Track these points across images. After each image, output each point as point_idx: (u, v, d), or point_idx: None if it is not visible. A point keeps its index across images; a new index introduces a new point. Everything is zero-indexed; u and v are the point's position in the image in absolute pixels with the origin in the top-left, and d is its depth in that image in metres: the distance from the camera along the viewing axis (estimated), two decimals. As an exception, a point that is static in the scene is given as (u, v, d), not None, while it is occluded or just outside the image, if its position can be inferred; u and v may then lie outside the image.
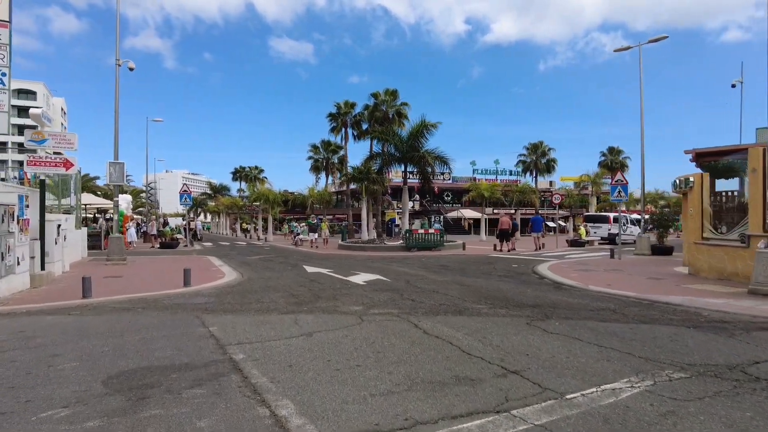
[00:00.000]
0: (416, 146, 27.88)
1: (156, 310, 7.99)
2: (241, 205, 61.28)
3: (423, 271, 14.40)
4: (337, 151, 45.68)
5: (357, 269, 14.67)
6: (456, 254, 21.60)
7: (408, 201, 28.80)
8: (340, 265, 16.41)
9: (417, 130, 27.43)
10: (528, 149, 52.29)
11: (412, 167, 28.56)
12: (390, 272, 13.81)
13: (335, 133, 42.13)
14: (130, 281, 11.77)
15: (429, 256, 20.35)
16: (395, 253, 22.07)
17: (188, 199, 28.33)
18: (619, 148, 62.52)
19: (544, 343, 5.78)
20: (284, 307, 8.22)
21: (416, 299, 8.96)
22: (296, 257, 20.43)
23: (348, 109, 40.91)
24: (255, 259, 19.29)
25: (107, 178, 16.48)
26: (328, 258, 19.91)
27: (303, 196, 35.68)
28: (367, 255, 21.37)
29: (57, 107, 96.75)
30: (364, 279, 12.10)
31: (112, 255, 16.28)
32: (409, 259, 19.09)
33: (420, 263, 17.01)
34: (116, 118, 16.51)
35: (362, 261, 18.08)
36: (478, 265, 16.49)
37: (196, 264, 16.28)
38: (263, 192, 38.77)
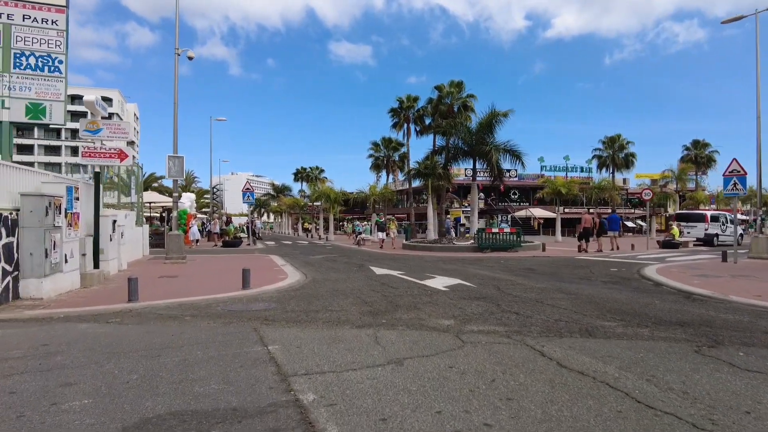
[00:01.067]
0: (485, 139, 25.85)
1: (207, 319, 6.68)
2: (302, 205, 61.27)
3: (508, 274, 12.48)
4: (398, 149, 44.25)
5: (431, 271, 12.99)
6: (536, 256, 19.40)
7: (477, 198, 26.82)
8: (410, 266, 14.79)
9: (486, 121, 25.36)
10: (604, 143, 48.49)
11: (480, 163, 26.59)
12: (470, 275, 12.01)
13: (397, 129, 40.74)
14: (185, 282, 10.70)
15: (507, 258, 18.30)
16: (466, 254, 20.18)
17: (251, 197, 27.79)
18: (705, 141, 57.06)
19: (749, 387, 3.85)
20: (358, 318, 6.68)
21: (520, 312, 7.15)
22: (360, 257, 19.04)
23: (410, 103, 39.34)
24: (318, 259, 18.07)
25: (167, 172, 15.79)
26: (394, 258, 18.36)
27: (364, 194, 34.40)
28: (435, 255, 19.63)
29: (131, 112, 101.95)
30: (444, 283, 10.39)
31: (170, 253, 15.54)
32: (484, 260, 17.17)
33: (500, 265, 15.07)
34: (175, 110, 15.81)
35: (433, 262, 16.37)
36: (570, 268, 14.33)
37: (257, 263, 15.23)
38: (324, 191, 37.95)
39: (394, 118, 40.21)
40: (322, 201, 40.47)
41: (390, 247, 24.76)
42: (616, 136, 47.75)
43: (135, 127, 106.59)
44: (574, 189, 34.27)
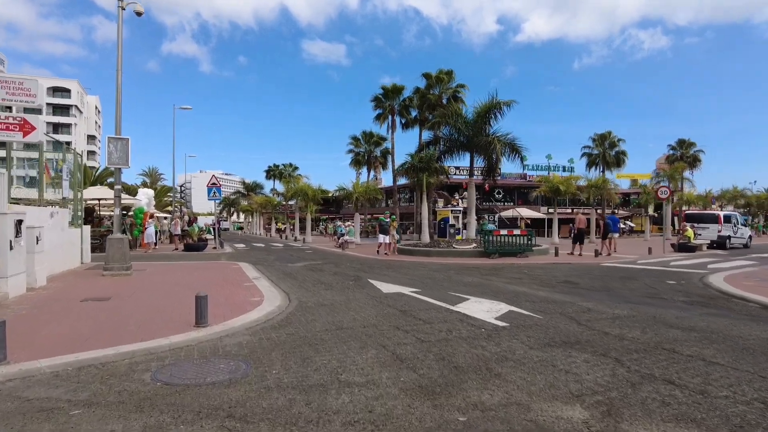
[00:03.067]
0: (482, 131, 23.06)
1: (113, 419, 3.43)
2: (275, 203, 57.51)
3: (554, 292, 9.55)
4: (381, 143, 41.07)
5: (453, 288, 9.94)
6: (555, 263, 16.58)
7: (474, 197, 23.98)
8: (419, 278, 11.71)
9: (485, 111, 22.52)
10: (594, 140, 46.40)
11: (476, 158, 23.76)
12: (511, 295, 9.01)
13: (380, 121, 37.56)
14: (114, 310, 7.33)
15: (524, 265, 15.42)
16: (473, 260, 17.23)
17: (217, 192, 24.21)
18: (690, 141, 55.92)
19: None
20: (406, 409, 3.54)
21: (675, 379, 4.14)
22: (350, 264, 15.85)
23: (396, 93, 36.24)
24: (300, 268, 14.80)
25: (107, 158, 12.27)
26: (391, 266, 15.24)
27: (346, 191, 31.11)
28: (438, 262, 16.61)
29: (91, 105, 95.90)
30: (490, 311, 7.34)
31: (111, 262, 12.03)
32: (502, 269, 14.24)
33: (528, 277, 12.15)
34: (118, 78, 12.27)
35: (442, 272, 13.35)
36: (616, 280, 11.51)
37: (222, 275, 11.89)
38: (301, 188, 34.45)
39: (377, 108, 36.99)
40: (298, 199, 37.00)
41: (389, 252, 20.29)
42: (607, 133, 45.74)
43: (96, 121, 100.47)
44: (572, 187, 31.82)
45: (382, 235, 20.88)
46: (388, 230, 20.66)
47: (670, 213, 23.34)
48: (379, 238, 21.03)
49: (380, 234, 21.15)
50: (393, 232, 20.73)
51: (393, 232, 20.74)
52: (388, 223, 21.16)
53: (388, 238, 20.51)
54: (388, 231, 20.68)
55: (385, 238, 20.62)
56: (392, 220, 21.83)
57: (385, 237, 20.63)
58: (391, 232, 20.58)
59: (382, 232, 21.03)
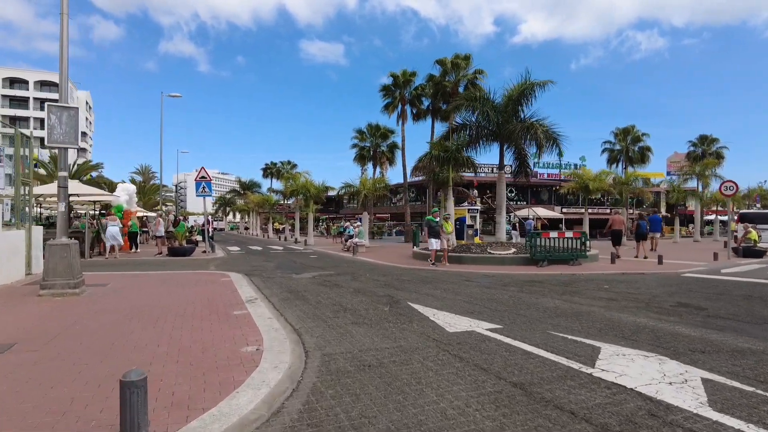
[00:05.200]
0: (515, 116, 19.84)
1: None
2: (272, 202, 54.13)
3: (698, 326, 6.29)
4: (388, 136, 37.81)
5: (542, 319, 6.67)
6: (620, 272, 13.31)
7: (504, 193, 20.70)
8: (475, 299, 8.42)
9: (518, 93, 19.28)
10: (616, 135, 43.22)
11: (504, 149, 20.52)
12: (649, 336, 5.73)
13: (389, 110, 34.26)
14: (7, 384, 4.03)
15: (591, 278, 12.16)
16: (518, 270, 13.94)
17: (207, 188, 20.87)
18: (713, 137, 52.81)
19: None
20: None
21: None
22: (371, 276, 12.54)
23: (407, 79, 32.96)
24: (308, 281, 11.49)
25: (46, 136, 8.97)
26: (425, 279, 11.94)
27: (353, 188, 27.83)
28: (480, 272, 13.32)
29: (82, 100, 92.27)
30: (676, 384, 4.04)
31: (51, 277, 8.71)
32: (569, 282, 10.97)
33: (618, 295, 8.87)
34: (63, 23, 8.93)
35: (496, 288, 10.07)
36: (746, 300, 8.24)
37: (207, 295, 8.55)
38: (303, 185, 31.11)
39: (386, 97, 33.68)
40: (299, 197, 33.69)
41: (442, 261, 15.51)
42: (630, 128, 42.55)
43: (87, 117, 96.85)
44: (604, 183, 28.64)
45: (434, 239, 15.44)
46: (440, 232, 15.55)
47: (731, 213, 20.14)
48: (431, 244, 15.55)
49: (431, 238, 15.61)
50: (446, 236, 15.87)
51: (446, 234, 15.83)
52: (438, 223, 15.82)
53: (438, 243, 15.41)
54: (439, 233, 15.49)
55: (437, 243, 15.40)
56: (444, 218, 16.73)
57: (438, 241, 15.42)
58: (443, 235, 15.59)
59: (433, 235, 15.56)
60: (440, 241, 15.28)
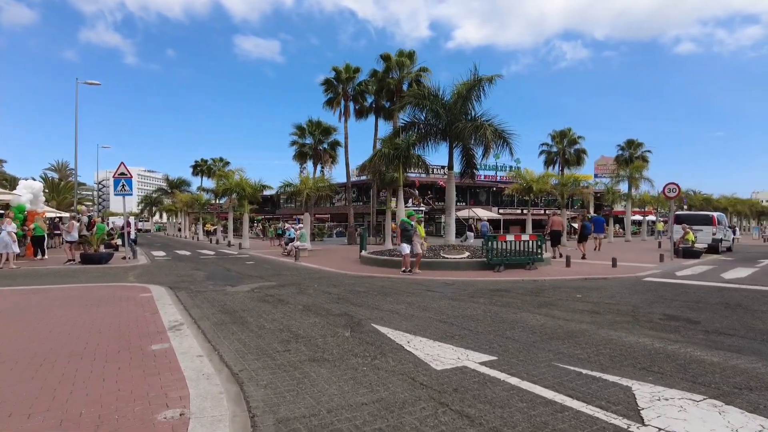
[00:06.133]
0: (464, 114, 19.07)
1: None
2: (203, 202, 50.82)
3: (708, 346, 5.45)
4: (330, 133, 36.23)
5: (539, 345, 5.57)
6: (581, 277, 12.72)
7: (454, 195, 19.78)
8: (449, 317, 7.24)
9: (467, 90, 18.48)
10: (553, 137, 44.14)
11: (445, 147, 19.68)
12: (674, 366, 4.76)
13: (332, 106, 32.69)
14: None
15: (557, 285, 11.41)
16: (476, 276, 12.99)
17: (127, 185, 18.44)
18: (638, 141, 55.37)
19: None
20: None
21: None
22: (320, 287, 11.07)
23: (350, 74, 31.56)
24: (246, 296, 9.84)
25: None
26: (384, 290, 10.66)
27: (294, 187, 26.03)
28: (438, 280, 12.24)
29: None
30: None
31: None
32: (538, 292, 10.10)
33: (597, 306, 8.02)
34: None
35: (464, 300, 8.98)
36: (732, 309, 7.63)
37: (118, 320, 6.63)
38: (238, 183, 28.88)
39: (328, 92, 32.06)
40: (233, 196, 31.37)
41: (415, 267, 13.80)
42: (567, 130, 43.64)
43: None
44: (547, 185, 28.74)
45: (408, 244, 13.53)
46: (413, 236, 13.68)
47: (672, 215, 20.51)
48: (404, 249, 13.56)
49: (404, 243, 13.60)
50: (420, 240, 14.04)
51: (419, 239, 13.99)
52: (413, 226, 13.90)
53: (410, 248, 13.56)
54: (412, 238, 13.62)
55: (409, 249, 13.54)
56: (418, 220, 14.75)
57: (410, 246, 13.57)
58: (415, 240, 13.72)
59: (407, 239, 13.56)
60: (411, 245, 13.64)
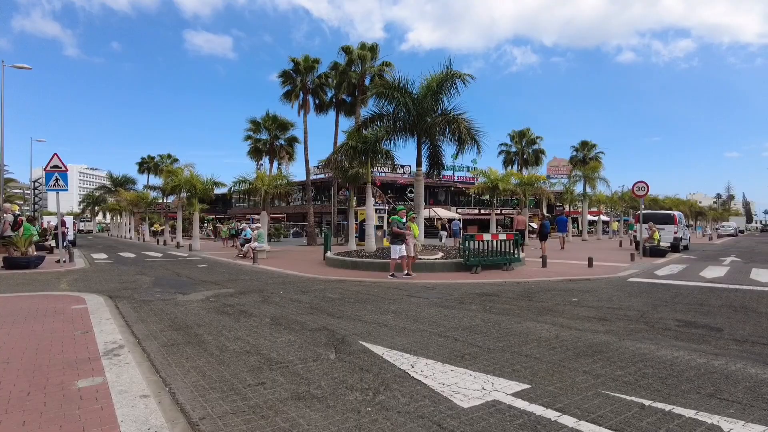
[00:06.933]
0: (434, 110, 18.23)
1: None
2: (149, 201, 47.79)
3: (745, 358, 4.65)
4: (287, 128, 34.61)
5: (560, 364, 4.58)
6: (563, 278, 12.04)
7: (423, 192, 18.85)
8: (446, 329, 6.17)
9: (438, 84, 17.62)
10: (512, 137, 44.22)
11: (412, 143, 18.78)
12: (748, 394, 3.90)
13: (290, 99, 31.10)
14: None
15: (546, 288, 10.62)
16: (455, 278, 12.04)
17: (61, 179, 16.38)
18: (592, 143, 56.85)
19: None
20: None
21: None
22: (287, 294, 9.76)
23: (310, 65, 30.11)
24: (200, 306, 8.42)
25: None
26: (359, 297, 9.50)
27: (250, 184, 24.34)
28: (416, 284, 11.20)
29: None
30: None
31: None
32: (529, 295, 9.24)
33: (600, 310, 7.20)
34: None
35: (453, 308, 7.98)
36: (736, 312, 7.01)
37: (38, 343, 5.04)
38: (187, 179, 26.82)
39: (285, 84, 30.40)
40: (182, 194, 29.25)
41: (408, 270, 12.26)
42: (525, 130, 43.82)
43: None
44: (510, 184, 28.39)
45: (398, 245, 11.99)
46: (406, 236, 12.17)
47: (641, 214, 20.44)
48: (394, 252, 12.02)
49: (394, 244, 12.08)
50: (413, 240, 12.61)
51: (412, 239, 12.47)
52: (404, 223, 12.41)
53: (402, 250, 12.00)
54: (405, 237, 12.10)
55: (402, 250, 11.99)
56: (409, 217, 13.13)
57: (401, 247, 11.99)
58: (409, 240, 12.21)
59: (397, 239, 12.06)
60: (403, 246, 12.16)
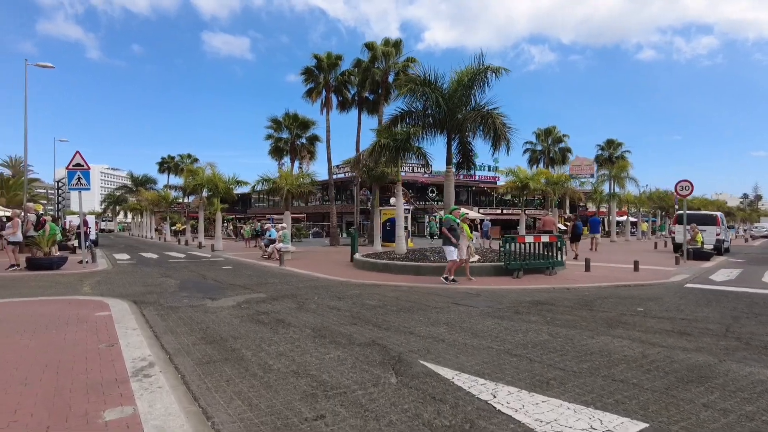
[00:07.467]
0: (465, 105, 17.38)
1: None
2: (170, 200, 47.80)
3: None
4: (308, 127, 34.06)
5: (667, 393, 3.77)
6: (627, 286, 11.13)
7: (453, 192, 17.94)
8: (516, 347, 5.38)
9: (469, 77, 16.74)
10: (538, 135, 43.05)
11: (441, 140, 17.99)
12: None
13: (311, 97, 30.52)
14: None
15: (603, 295, 9.75)
16: (496, 283, 11.21)
17: (83, 177, 15.98)
18: (618, 141, 55.23)
19: None
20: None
21: None
22: (320, 299, 9.07)
23: (332, 62, 29.49)
24: (233, 314, 7.77)
25: None
26: (401, 305, 8.76)
27: (274, 182, 23.81)
28: (458, 290, 10.43)
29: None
30: None
31: None
32: (587, 304, 8.39)
33: (711, 333, 6.33)
34: None
35: (510, 319, 7.19)
36: None
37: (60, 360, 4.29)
38: (210, 179, 26.43)
39: (308, 82, 29.85)
40: (203, 194, 28.86)
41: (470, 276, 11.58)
42: (551, 128, 42.60)
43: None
44: (538, 182, 27.37)
45: (453, 247, 10.93)
46: (459, 236, 11.15)
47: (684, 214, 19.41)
48: (450, 254, 10.93)
49: (448, 246, 10.97)
50: (467, 241, 11.74)
51: (466, 240, 11.58)
52: (458, 224, 11.44)
53: (457, 252, 10.99)
54: (458, 238, 11.05)
55: (457, 252, 11.01)
56: (462, 217, 12.11)
57: (456, 250, 10.97)
58: (462, 242, 11.30)
59: (449, 241, 10.97)
60: (461, 249, 11.24)
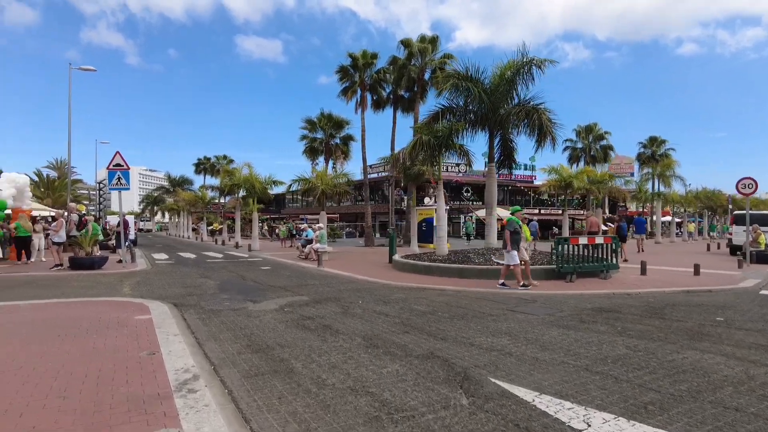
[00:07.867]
0: (507, 100, 16.64)
1: None
2: (206, 200, 48.40)
3: None
4: (342, 127, 33.82)
5: None
6: (692, 292, 10.26)
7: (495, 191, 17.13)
8: (594, 363, 4.75)
9: (513, 72, 15.96)
10: (578, 133, 41.59)
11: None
12: None
13: (347, 96, 30.22)
14: None
15: (671, 302, 8.93)
16: (549, 288, 10.52)
17: (123, 178, 16.04)
18: (662, 138, 52.98)
19: None
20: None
21: None
22: (365, 303, 8.62)
23: (368, 61, 29.09)
24: (277, 318, 7.39)
25: None
26: (452, 312, 8.22)
27: (310, 182, 23.58)
28: (510, 295, 9.80)
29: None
30: None
31: None
32: (657, 312, 7.64)
33: None
34: None
35: (576, 330, 6.55)
36: None
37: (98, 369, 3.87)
38: (246, 179, 26.46)
39: (343, 81, 29.60)
40: (239, 194, 28.96)
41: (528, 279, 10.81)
42: (593, 125, 41.10)
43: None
44: (583, 180, 26.26)
45: (513, 250, 10.44)
46: (521, 239, 10.70)
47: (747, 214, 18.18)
48: (512, 258, 10.43)
49: (512, 250, 10.44)
50: (525, 244, 11.30)
51: (524, 242, 11.15)
52: (521, 225, 10.90)
53: (516, 256, 10.45)
54: (519, 241, 10.58)
55: (516, 257, 10.46)
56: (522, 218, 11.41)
57: (514, 255, 10.44)
58: (522, 244, 10.79)
59: (514, 242, 10.45)
60: (521, 251, 10.70)
